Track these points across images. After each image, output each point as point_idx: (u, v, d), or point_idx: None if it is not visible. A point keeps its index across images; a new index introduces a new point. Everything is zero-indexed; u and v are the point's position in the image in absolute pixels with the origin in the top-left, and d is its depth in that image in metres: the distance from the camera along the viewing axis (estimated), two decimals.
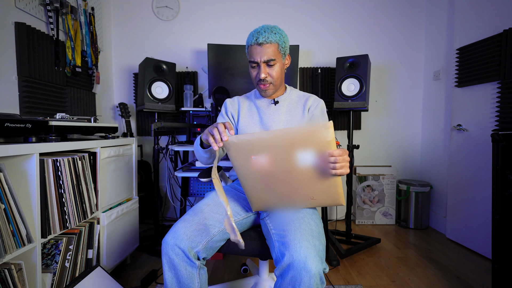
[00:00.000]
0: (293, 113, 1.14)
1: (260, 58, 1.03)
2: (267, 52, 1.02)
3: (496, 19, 1.78)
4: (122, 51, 2.51)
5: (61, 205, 1.12)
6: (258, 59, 1.03)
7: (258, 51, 1.02)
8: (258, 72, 1.06)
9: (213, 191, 1.13)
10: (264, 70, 1.05)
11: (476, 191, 1.92)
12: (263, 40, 1.01)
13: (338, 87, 1.98)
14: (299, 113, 1.14)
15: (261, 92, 1.12)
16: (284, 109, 1.15)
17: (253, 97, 1.22)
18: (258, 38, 1.01)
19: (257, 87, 1.12)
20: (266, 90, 1.10)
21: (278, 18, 2.50)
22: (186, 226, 0.90)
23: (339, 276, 1.61)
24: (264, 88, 1.09)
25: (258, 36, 1.01)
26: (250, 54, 1.06)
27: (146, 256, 1.86)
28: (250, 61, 1.07)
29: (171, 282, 0.87)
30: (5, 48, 1.47)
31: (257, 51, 1.02)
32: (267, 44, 1.02)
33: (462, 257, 1.87)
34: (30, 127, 1.04)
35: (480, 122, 1.90)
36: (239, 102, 1.21)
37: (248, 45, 1.06)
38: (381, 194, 2.49)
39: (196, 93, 2.46)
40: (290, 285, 0.77)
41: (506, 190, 1.18)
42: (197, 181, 2.23)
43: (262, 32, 1.02)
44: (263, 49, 1.02)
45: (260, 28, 1.03)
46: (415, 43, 2.58)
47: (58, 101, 1.81)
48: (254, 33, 1.03)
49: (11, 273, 0.90)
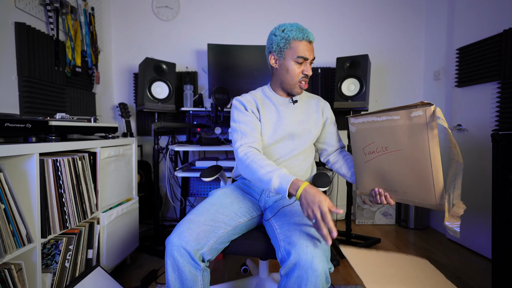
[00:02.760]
0: (309, 112, 1.15)
1: (310, 55, 1.04)
2: (313, 50, 1.07)
3: (496, 19, 1.78)
4: (122, 51, 2.51)
5: (61, 205, 1.12)
6: (309, 56, 1.04)
7: (309, 48, 1.04)
8: (305, 68, 1.05)
9: (217, 189, 1.12)
10: (310, 67, 1.07)
11: (476, 191, 1.92)
12: (312, 38, 1.04)
13: (338, 87, 1.98)
14: (314, 113, 1.16)
15: (298, 90, 1.08)
16: (302, 108, 1.15)
17: (268, 94, 1.15)
18: (309, 35, 1.02)
19: (296, 84, 1.07)
20: (304, 88, 1.10)
21: (278, 18, 2.50)
22: (192, 227, 0.88)
23: (339, 276, 1.61)
24: (305, 87, 1.09)
25: (308, 34, 1.02)
26: (298, 49, 1.02)
27: (146, 256, 1.86)
28: (298, 56, 1.02)
29: (174, 283, 0.86)
30: (5, 48, 1.47)
31: (308, 48, 1.03)
32: (313, 43, 1.06)
33: (462, 257, 1.87)
34: (30, 127, 1.03)
35: (480, 122, 1.90)
36: (254, 98, 1.12)
37: (294, 39, 1.02)
38: None
39: (196, 93, 2.46)
40: (296, 284, 0.77)
41: (506, 190, 1.18)
42: (197, 181, 2.23)
43: (307, 30, 1.03)
44: (312, 47, 1.05)
45: (300, 25, 1.04)
46: (415, 43, 2.58)
47: (58, 101, 1.81)
48: (299, 29, 1.02)
49: (11, 273, 0.90)
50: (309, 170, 1.17)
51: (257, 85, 2.21)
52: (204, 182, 2.23)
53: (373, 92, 2.56)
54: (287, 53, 1.03)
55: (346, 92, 1.96)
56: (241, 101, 1.10)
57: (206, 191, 2.23)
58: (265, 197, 1.11)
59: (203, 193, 2.23)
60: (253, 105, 1.10)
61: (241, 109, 1.08)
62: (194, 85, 2.47)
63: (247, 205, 1.05)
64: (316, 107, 1.17)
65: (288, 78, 1.06)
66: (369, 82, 1.96)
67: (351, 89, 1.95)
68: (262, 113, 1.09)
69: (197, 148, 1.85)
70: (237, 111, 1.09)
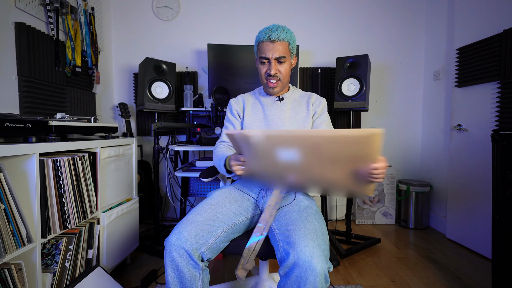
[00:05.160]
0: (297, 109, 1.16)
1: (272, 54, 1.06)
2: (279, 49, 1.05)
3: (496, 19, 1.78)
4: (122, 51, 2.51)
5: (61, 205, 1.12)
6: (270, 55, 1.06)
7: (270, 47, 1.05)
8: (268, 68, 1.08)
9: (216, 190, 1.13)
10: (275, 67, 1.08)
11: (476, 191, 1.92)
12: (275, 37, 1.04)
13: (338, 87, 1.98)
14: (303, 110, 1.16)
15: (268, 89, 1.14)
16: (289, 105, 1.17)
17: (258, 94, 1.24)
18: (271, 35, 1.04)
19: (265, 84, 1.13)
20: (274, 88, 1.12)
21: (278, 18, 2.50)
22: (191, 227, 0.89)
23: (339, 276, 1.61)
24: (273, 86, 1.12)
25: (270, 33, 1.04)
26: (261, 50, 1.08)
27: (146, 256, 1.86)
28: (260, 57, 1.08)
29: (173, 283, 0.86)
30: (5, 48, 1.47)
31: (269, 48, 1.05)
32: (279, 42, 1.05)
33: (462, 257, 1.87)
34: (30, 127, 1.03)
35: (480, 122, 1.90)
36: (243, 99, 1.24)
37: (259, 42, 1.08)
38: (381, 194, 2.49)
39: (196, 93, 2.46)
40: (295, 284, 0.77)
41: (506, 190, 1.18)
42: (197, 181, 2.23)
43: (274, 30, 1.04)
44: (275, 46, 1.05)
45: (271, 26, 1.06)
46: (415, 43, 2.58)
47: (58, 101, 1.81)
48: (266, 30, 1.06)
49: (11, 273, 0.90)
50: None
51: (256, 85, 2.23)
52: (204, 182, 2.23)
53: (373, 92, 2.56)
54: (257, 54, 1.12)
55: (346, 92, 1.96)
56: (231, 104, 1.24)
57: (206, 191, 2.23)
58: (262, 196, 1.11)
59: (203, 193, 2.23)
60: (240, 106, 1.22)
61: (228, 112, 1.24)
62: (194, 85, 2.47)
63: (245, 204, 1.06)
64: (306, 104, 1.18)
65: (260, 79, 1.15)
66: (369, 82, 1.96)
67: (351, 89, 1.95)
68: (247, 113, 1.19)
69: (197, 148, 1.85)
70: (227, 113, 1.26)
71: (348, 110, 2.01)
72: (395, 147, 2.64)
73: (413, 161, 2.66)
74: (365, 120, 2.60)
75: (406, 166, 2.66)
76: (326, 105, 1.20)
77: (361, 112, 2.50)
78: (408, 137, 2.64)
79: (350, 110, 2.00)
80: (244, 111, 1.21)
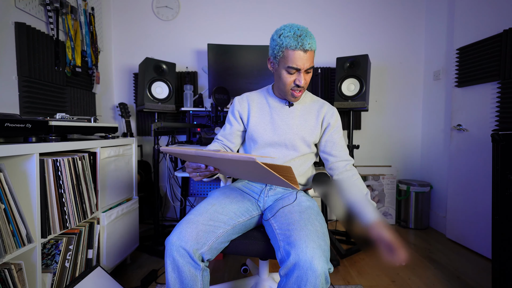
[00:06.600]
0: (306, 117, 1.11)
1: (304, 65, 0.96)
2: (310, 59, 0.97)
3: (496, 19, 1.78)
4: (122, 51, 2.51)
5: (61, 205, 1.12)
6: (302, 66, 0.96)
7: (303, 57, 0.95)
8: (297, 79, 0.99)
9: (216, 190, 1.13)
10: (305, 77, 1.00)
11: (476, 191, 1.92)
12: (309, 47, 0.94)
13: (338, 87, 1.98)
14: (313, 118, 1.11)
15: (291, 98, 1.07)
16: (298, 112, 1.12)
17: (266, 95, 1.16)
18: (304, 44, 0.93)
19: (289, 93, 1.04)
20: (298, 97, 1.06)
21: (278, 18, 2.50)
22: (192, 226, 0.89)
23: (339, 276, 1.61)
24: (298, 96, 1.05)
25: (303, 42, 0.93)
26: (290, 59, 0.96)
27: (146, 256, 1.86)
28: (289, 67, 0.97)
29: (173, 283, 0.86)
30: (5, 48, 1.47)
31: (301, 58, 0.95)
32: (311, 51, 0.96)
33: (462, 257, 1.87)
34: (30, 127, 1.03)
35: (480, 122, 1.90)
36: (249, 100, 1.16)
37: (288, 48, 0.95)
38: (381, 194, 2.49)
39: (196, 93, 2.46)
40: (296, 284, 0.77)
41: (506, 190, 1.18)
42: (197, 181, 2.23)
43: (304, 36, 0.94)
44: (308, 56, 0.96)
45: (299, 31, 0.95)
46: (415, 43, 2.58)
47: (58, 101, 1.81)
48: (295, 36, 0.94)
49: (11, 273, 0.90)
50: (307, 173, 1.16)
51: (257, 85, 2.23)
52: (204, 182, 2.23)
53: (373, 92, 2.56)
54: (281, 60, 0.99)
55: (346, 92, 1.96)
56: (234, 104, 1.18)
57: (206, 191, 2.23)
58: (264, 196, 1.11)
59: (203, 193, 2.23)
60: (244, 106, 1.16)
61: (230, 111, 1.21)
62: (194, 85, 2.47)
63: (246, 204, 1.05)
64: (317, 113, 1.12)
65: (281, 86, 1.05)
66: (369, 82, 1.96)
67: (351, 89, 1.95)
68: (253, 114, 1.14)
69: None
70: (229, 112, 1.22)
71: (348, 110, 2.01)
72: (395, 147, 2.64)
73: (413, 161, 2.66)
74: (365, 120, 2.60)
75: (406, 166, 2.66)
76: (339, 117, 1.14)
77: (361, 112, 2.50)
78: (408, 137, 2.64)
79: (350, 110, 2.00)
80: (249, 113, 1.14)
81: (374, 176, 2.48)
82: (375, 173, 2.49)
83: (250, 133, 1.14)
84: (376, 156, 2.64)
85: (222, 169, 0.92)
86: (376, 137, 2.63)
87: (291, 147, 1.10)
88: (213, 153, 0.74)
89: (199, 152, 0.78)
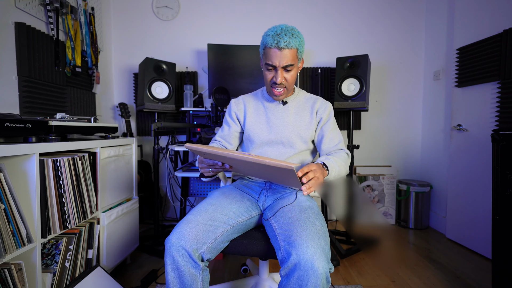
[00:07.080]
0: (301, 114, 1.14)
1: (279, 62, 0.99)
2: (287, 57, 0.99)
3: (496, 19, 1.78)
4: (122, 51, 2.51)
5: (61, 205, 1.12)
6: (277, 63, 1.00)
7: (278, 55, 0.98)
8: (274, 76, 1.03)
9: (216, 190, 1.13)
10: (281, 75, 1.02)
11: (476, 191, 1.92)
12: (284, 44, 0.96)
13: (338, 87, 1.98)
14: (307, 115, 1.14)
15: (273, 97, 1.11)
16: (293, 109, 1.15)
17: (261, 96, 1.21)
18: (279, 42, 0.96)
19: (270, 90, 1.09)
20: (279, 96, 1.09)
21: (278, 18, 2.50)
22: (191, 226, 0.89)
23: (339, 276, 1.61)
24: (278, 94, 1.08)
25: (279, 40, 0.96)
26: (267, 56, 1.01)
27: (146, 256, 1.86)
28: (266, 63, 1.02)
29: (173, 283, 0.86)
30: (5, 48, 1.47)
31: (276, 55, 0.98)
32: (288, 49, 0.98)
33: (462, 257, 1.87)
34: (30, 127, 1.03)
35: (480, 122, 1.90)
36: (245, 101, 1.20)
37: (266, 46, 1.00)
38: (381, 194, 2.49)
39: (196, 93, 2.46)
40: (297, 284, 0.77)
41: (506, 190, 1.18)
42: (197, 181, 2.23)
43: (283, 35, 0.96)
44: (283, 54, 0.98)
45: (280, 30, 0.98)
46: (415, 43, 2.58)
47: (58, 101, 1.81)
48: (273, 35, 0.98)
49: (11, 273, 0.90)
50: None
51: (257, 85, 2.23)
52: (204, 182, 2.23)
53: (373, 92, 2.56)
54: (263, 58, 1.05)
55: (346, 92, 1.96)
56: (231, 105, 1.22)
57: (206, 191, 2.23)
58: (263, 196, 1.11)
59: (203, 193, 2.23)
60: (240, 108, 1.19)
61: (227, 113, 1.23)
62: (194, 85, 2.47)
63: (246, 204, 1.06)
64: (311, 109, 1.15)
65: (265, 83, 1.11)
66: (369, 82, 1.96)
67: (351, 89, 1.95)
68: (249, 115, 1.17)
69: None
70: (226, 114, 1.24)
71: (348, 110, 2.01)
72: (395, 147, 2.64)
73: (413, 161, 2.66)
74: (365, 120, 2.60)
75: (406, 166, 2.66)
76: (332, 110, 1.16)
77: (361, 112, 2.50)
78: (408, 137, 2.64)
79: (350, 110, 1.99)
80: (245, 114, 1.18)
81: (374, 176, 2.48)
82: (375, 173, 2.49)
83: (247, 134, 1.17)
84: (376, 156, 2.64)
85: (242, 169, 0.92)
86: (376, 137, 2.63)
87: (288, 144, 1.12)
88: (249, 157, 0.73)
89: (231, 155, 0.76)
